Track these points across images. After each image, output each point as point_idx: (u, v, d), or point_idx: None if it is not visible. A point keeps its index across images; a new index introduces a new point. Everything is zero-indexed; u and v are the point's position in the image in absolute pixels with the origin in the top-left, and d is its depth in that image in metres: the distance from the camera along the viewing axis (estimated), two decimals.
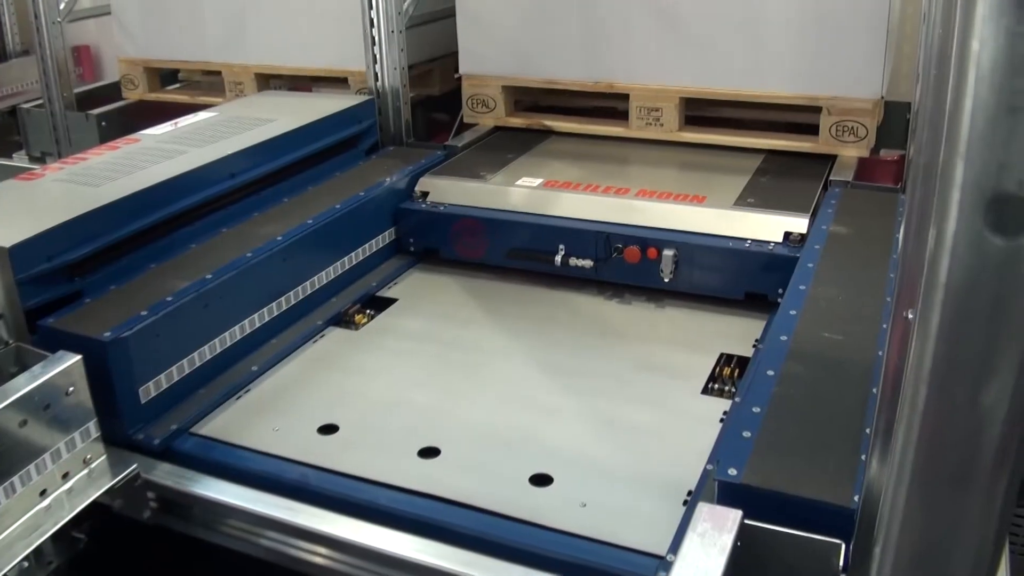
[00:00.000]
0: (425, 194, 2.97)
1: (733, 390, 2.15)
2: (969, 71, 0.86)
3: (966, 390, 0.98)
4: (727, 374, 2.22)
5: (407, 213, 2.92)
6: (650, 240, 2.56)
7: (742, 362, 2.27)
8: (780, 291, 2.33)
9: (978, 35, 0.84)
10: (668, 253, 2.51)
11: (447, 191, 2.95)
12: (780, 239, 2.50)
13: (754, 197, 2.72)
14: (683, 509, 1.74)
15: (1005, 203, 0.88)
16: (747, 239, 2.52)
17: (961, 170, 0.88)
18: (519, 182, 2.93)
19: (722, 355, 2.30)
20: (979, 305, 0.93)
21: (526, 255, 2.74)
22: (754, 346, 2.32)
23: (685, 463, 1.88)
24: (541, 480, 1.86)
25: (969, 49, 0.85)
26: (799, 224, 2.52)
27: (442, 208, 2.89)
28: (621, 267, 2.61)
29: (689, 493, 1.79)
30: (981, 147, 0.87)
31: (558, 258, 2.65)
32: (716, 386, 2.18)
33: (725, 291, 2.54)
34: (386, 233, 2.89)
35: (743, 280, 2.50)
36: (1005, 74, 0.84)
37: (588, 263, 2.63)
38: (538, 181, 2.92)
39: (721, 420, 2.03)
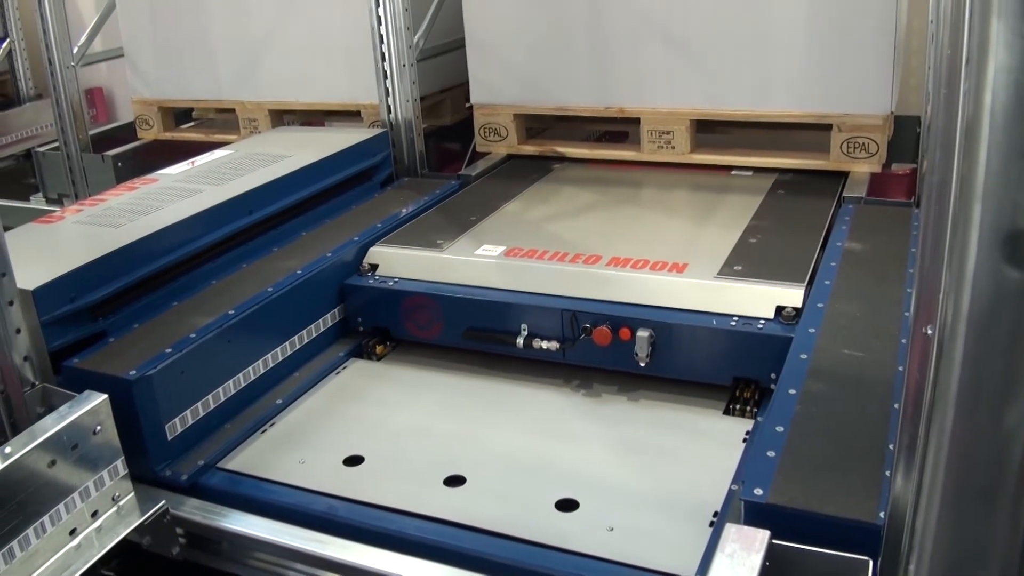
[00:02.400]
0: (374, 267, 2.65)
1: (755, 410, 2.16)
2: (983, 119, 0.91)
3: (990, 413, 1.02)
4: (747, 395, 2.22)
5: (352, 290, 2.60)
6: (622, 319, 2.25)
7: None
8: (773, 376, 2.07)
9: (990, 87, 0.90)
10: (643, 334, 2.21)
11: (398, 263, 2.62)
12: (771, 315, 2.19)
13: (742, 262, 2.39)
14: (710, 530, 1.74)
15: (1021, 239, 0.94)
16: (733, 316, 2.21)
17: (979, 210, 0.94)
18: (478, 251, 2.59)
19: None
20: (999, 335, 0.99)
21: (485, 336, 2.43)
22: None
23: (710, 484, 1.88)
24: (567, 505, 1.86)
25: (983, 100, 0.91)
26: (793, 296, 2.20)
27: (392, 283, 2.57)
28: (590, 350, 2.29)
29: (715, 514, 1.79)
30: (996, 189, 0.93)
31: (520, 339, 2.36)
32: (737, 407, 2.19)
33: (710, 377, 2.23)
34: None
35: (730, 364, 2.20)
36: (1016, 121, 0.91)
37: (554, 345, 2.32)
38: (499, 250, 2.58)
39: (744, 440, 2.04)
